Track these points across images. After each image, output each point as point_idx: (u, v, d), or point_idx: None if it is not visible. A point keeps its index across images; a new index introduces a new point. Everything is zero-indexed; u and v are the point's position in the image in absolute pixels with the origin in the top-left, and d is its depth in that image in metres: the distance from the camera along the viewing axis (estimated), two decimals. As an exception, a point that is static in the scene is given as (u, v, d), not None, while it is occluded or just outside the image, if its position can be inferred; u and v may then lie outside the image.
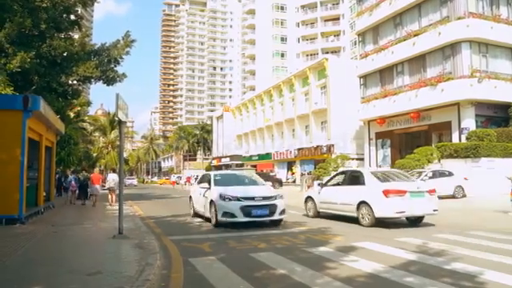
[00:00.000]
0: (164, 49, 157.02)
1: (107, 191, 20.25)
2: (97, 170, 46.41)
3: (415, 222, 11.42)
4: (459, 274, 5.75)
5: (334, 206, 12.47)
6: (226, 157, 64.32)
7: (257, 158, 55.55)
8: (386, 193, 10.59)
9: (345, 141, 37.80)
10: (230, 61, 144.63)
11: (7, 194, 10.93)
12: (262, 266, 6.52)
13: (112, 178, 19.54)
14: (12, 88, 14.40)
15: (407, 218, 11.46)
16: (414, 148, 26.35)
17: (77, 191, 21.20)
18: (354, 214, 11.37)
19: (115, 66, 22.79)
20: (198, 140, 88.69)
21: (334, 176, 13.89)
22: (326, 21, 75.02)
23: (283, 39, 75.51)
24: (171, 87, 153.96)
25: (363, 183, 11.51)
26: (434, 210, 11.00)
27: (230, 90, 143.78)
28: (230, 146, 64.04)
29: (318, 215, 13.21)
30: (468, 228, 10.35)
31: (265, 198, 11.22)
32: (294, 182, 44.52)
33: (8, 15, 17.59)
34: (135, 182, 67.53)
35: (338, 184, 12.99)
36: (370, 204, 10.82)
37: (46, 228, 10.90)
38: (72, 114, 36.01)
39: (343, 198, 11.98)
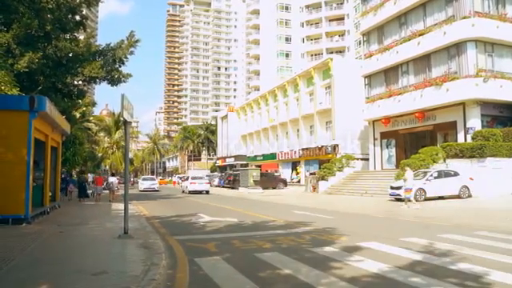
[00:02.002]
0: (168, 49, 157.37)
1: (107, 191, 25.02)
2: (98, 172, 48.56)
3: (207, 192, 33.99)
4: (465, 275, 5.73)
5: (185, 188, 35.87)
6: (230, 157, 64.32)
7: (261, 158, 55.50)
8: (191, 183, 34.62)
9: (349, 141, 37.71)
10: (235, 61, 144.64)
11: (14, 193, 11.00)
12: (267, 266, 6.53)
13: (111, 181, 25.18)
14: (18, 89, 14.47)
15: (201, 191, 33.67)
16: (419, 148, 26.24)
17: (73, 191, 24.63)
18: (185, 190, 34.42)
19: (120, 66, 22.85)
20: (203, 140, 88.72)
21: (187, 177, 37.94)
22: (330, 21, 74.89)
23: (288, 39, 75.41)
24: (176, 87, 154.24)
25: (188, 180, 36.85)
26: (207, 190, 34.40)
27: (235, 90, 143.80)
28: (234, 146, 64.06)
29: (189, 193, 33.04)
30: (474, 228, 10.32)
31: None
32: (299, 182, 44.46)
33: (15, 16, 17.71)
34: (156, 184, 42.15)
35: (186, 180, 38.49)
36: (188, 186, 34.89)
37: (51, 228, 10.95)
38: (78, 115, 36.21)
39: (185, 185, 36.28)
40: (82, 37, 24.26)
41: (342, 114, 38.27)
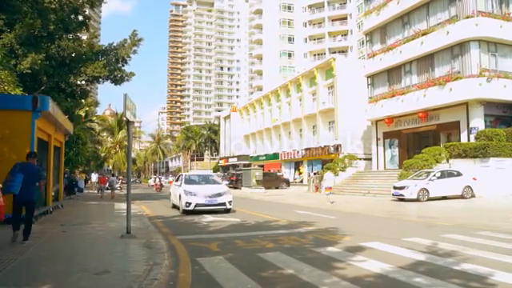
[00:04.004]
0: (171, 49, 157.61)
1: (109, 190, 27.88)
2: (101, 172, 49.89)
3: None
4: (468, 275, 5.70)
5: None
6: (233, 157, 64.38)
7: (264, 158, 55.54)
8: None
9: (352, 141, 37.68)
10: (238, 61, 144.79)
11: (17, 193, 10.99)
12: (269, 266, 6.52)
13: (112, 179, 28.83)
14: (21, 88, 14.49)
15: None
16: (422, 148, 26.19)
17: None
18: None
19: (123, 66, 22.91)
20: (206, 140, 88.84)
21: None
22: (333, 20, 74.83)
23: (290, 39, 75.39)
24: (178, 87, 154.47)
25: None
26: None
27: (237, 90, 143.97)
28: (237, 146, 64.08)
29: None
30: (477, 228, 10.27)
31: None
32: (302, 181, 44.47)
33: (18, 16, 17.75)
34: (227, 195, 15.96)
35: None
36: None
37: (54, 227, 10.97)
38: (82, 114, 36.33)
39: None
40: (84, 37, 24.32)
41: (344, 114, 38.28)
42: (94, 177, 34.29)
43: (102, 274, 5.74)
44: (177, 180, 18.62)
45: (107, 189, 29.17)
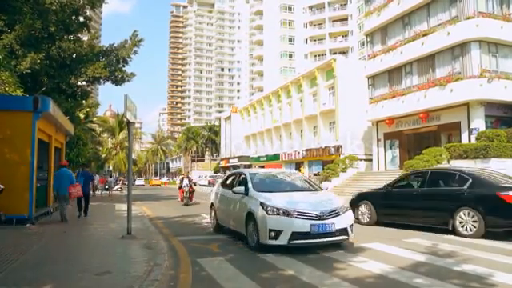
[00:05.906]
0: (172, 50, 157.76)
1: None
2: (102, 173, 52.02)
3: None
4: (469, 276, 5.71)
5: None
6: (233, 158, 64.33)
7: (265, 158, 55.48)
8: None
9: (353, 141, 37.64)
10: (238, 62, 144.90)
11: (18, 194, 11.01)
12: (270, 267, 6.53)
13: (110, 180, 31.91)
14: (22, 89, 14.52)
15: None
16: (422, 148, 26.15)
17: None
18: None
19: (123, 66, 22.97)
20: (206, 141, 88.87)
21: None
22: (333, 21, 74.80)
23: (291, 40, 75.38)
24: (179, 88, 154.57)
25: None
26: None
27: (238, 90, 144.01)
28: (237, 146, 64.05)
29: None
30: (478, 229, 10.25)
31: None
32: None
33: (18, 17, 17.79)
34: None
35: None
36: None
37: (55, 228, 10.99)
38: (82, 115, 36.34)
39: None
40: (85, 38, 24.37)
41: (345, 115, 38.21)
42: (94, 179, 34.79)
43: (103, 275, 5.75)
44: (228, 183, 10.38)
45: (106, 189, 31.36)
